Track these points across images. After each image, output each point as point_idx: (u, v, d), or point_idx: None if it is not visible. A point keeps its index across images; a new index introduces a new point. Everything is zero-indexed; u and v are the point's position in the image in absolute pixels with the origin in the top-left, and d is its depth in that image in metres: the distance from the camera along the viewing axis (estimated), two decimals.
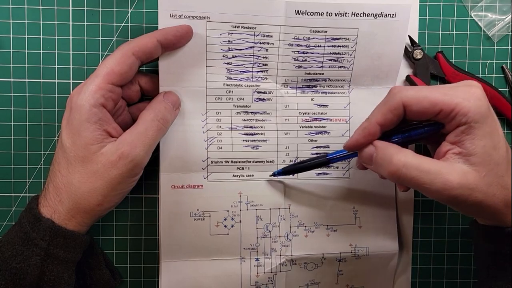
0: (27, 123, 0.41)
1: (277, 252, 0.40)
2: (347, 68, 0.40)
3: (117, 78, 0.35)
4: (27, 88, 0.41)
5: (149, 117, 0.36)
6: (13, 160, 0.41)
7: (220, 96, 0.39)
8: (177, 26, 0.37)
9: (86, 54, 0.41)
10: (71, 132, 0.34)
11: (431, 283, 0.44)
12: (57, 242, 0.34)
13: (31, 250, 0.34)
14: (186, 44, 0.37)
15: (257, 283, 0.40)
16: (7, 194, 0.41)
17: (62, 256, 0.34)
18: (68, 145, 0.34)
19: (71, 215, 0.35)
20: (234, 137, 0.40)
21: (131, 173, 0.35)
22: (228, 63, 0.39)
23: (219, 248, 0.40)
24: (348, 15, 0.38)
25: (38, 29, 0.41)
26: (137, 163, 0.35)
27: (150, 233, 0.42)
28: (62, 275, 0.35)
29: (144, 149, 0.35)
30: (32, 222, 0.34)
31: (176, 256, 0.40)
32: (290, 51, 0.39)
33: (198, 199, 0.39)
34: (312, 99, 0.40)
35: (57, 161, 0.35)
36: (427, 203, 0.43)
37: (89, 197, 0.34)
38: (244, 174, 0.40)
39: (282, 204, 0.40)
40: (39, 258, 0.34)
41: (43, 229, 0.34)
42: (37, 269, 0.34)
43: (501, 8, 0.42)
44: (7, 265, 0.34)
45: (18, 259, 0.34)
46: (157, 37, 0.36)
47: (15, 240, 0.34)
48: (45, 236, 0.34)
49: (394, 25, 0.38)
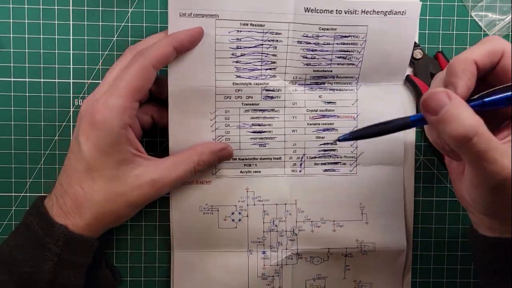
0: (27, 123, 0.41)
1: (283, 246, 0.41)
2: (355, 65, 0.40)
3: (139, 94, 0.35)
4: (27, 88, 0.41)
5: (190, 164, 0.37)
6: (13, 160, 0.41)
7: (229, 95, 0.39)
8: (190, 30, 0.36)
9: (86, 54, 0.41)
10: (98, 152, 0.34)
11: (431, 283, 0.44)
12: (70, 247, 0.34)
13: (43, 255, 0.34)
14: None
15: (263, 275, 0.41)
16: (7, 194, 0.41)
17: (73, 260, 0.35)
18: (94, 164, 0.34)
19: (89, 229, 0.35)
20: (242, 135, 0.40)
21: (152, 200, 0.36)
22: (236, 61, 0.39)
23: (227, 240, 0.41)
24: (358, 13, 0.38)
25: (38, 29, 0.40)
26: (161, 195, 0.36)
27: (150, 233, 0.42)
28: (73, 279, 0.35)
29: (172, 189, 0.38)
30: (45, 228, 0.34)
31: (187, 247, 0.40)
32: (298, 48, 0.39)
33: (207, 194, 0.40)
34: (320, 96, 0.41)
35: (77, 175, 0.35)
36: (427, 203, 0.43)
37: (110, 215, 0.35)
38: (251, 170, 0.40)
39: (288, 200, 0.41)
40: (52, 263, 0.34)
41: (56, 235, 0.34)
42: (49, 274, 0.34)
43: (502, 8, 0.42)
44: (18, 269, 0.34)
45: (30, 263, 0.34)
46: (173, 44, 0.35)
47: (25, 243, 0.34)
48: (58, 241, 0.34)
49: (404, 22, 0.39)
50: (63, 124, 0.41)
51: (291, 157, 0.41)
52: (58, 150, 0.41)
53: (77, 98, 0.41)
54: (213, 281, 0.41)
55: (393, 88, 0.41)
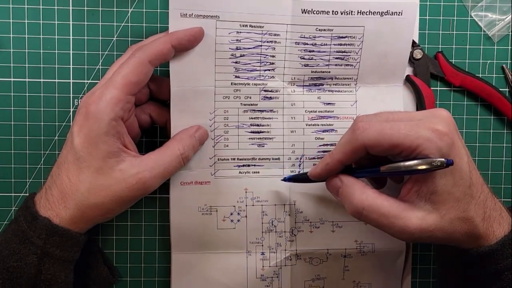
0: (27, 123, 0.41)
1: (282, 247, 0.41)
2: (353, 66, 0.40)
3: (134, 88, 0.35)
4: (27, 88, 0.41)
5: (176, 152, 0.36)
6: (13, 160, 0.41)
7: (228, 95, 0.39)
8: (190, 29, 0.37)
9: (86, 54, 0.41)
10: (87, 142, 0.34)
11: (431, 283, 0.44)
12: (53, 240, 0.34)
13: (27, 249, 0.34)
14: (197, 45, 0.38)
15: (262, 276, 0.41)
16: (7, 194, 0.41)
17: (58, 255, 0.34)
18: (83, 154, 0.34)
19: (73, 221, 0.35)
20: (241, 135, 0.40)
21: (140, 196, 0.36)
22: (236, 62, 0.39)
23: (226, 241, 0.40)
24: (354, 14, 0.38)
25: (38, 29, 0.40)
26: (150, 191, 0.36)
27: (150, 233, 0.42)
28: (59, 274, 0.35)
29: (160, 181, 0.36)
30: (29, 221, 0.34)
31: (185, 248, 0.40)
32: (296, 49, 0.39)
33: (206, 195, 0.40)
34: (318, 97, 0.41)
35: (66, 166, 0.35)
36: None
37: (95, 208, 0.35)
38: (250, 171, 0.40)
39: (287, 200, 0.41)
40: (36, 257, 0.34)
41: (39, 227, 0.34)
42: (33, 268, 0.34)
43: (501, 8, 0.42)
44: (4, 263, 0.34)
45: (15, 257, 0.34)
46: (171, 42, 0.36)
47: (12, 238, 0.34)
48: (41, 234, 0.34)
49: (401, 23, 0.39)
50: (63, 124, 0.41)
51: (290, 157, 0.40)
52: (58, 150, 0.41)
53: (77, 98, 0.41)
54: (211, 282, 0.41)
55: (392, 89, 0.41)
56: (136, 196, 0.35)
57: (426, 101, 0.41)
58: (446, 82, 0.42)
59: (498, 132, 0.43)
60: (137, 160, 0.35)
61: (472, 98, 0.43)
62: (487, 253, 0.33)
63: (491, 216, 0.33)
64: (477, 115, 0.43)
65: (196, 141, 0.38)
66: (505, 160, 0.43)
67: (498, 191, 0.43)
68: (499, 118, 0.43)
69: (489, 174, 0.43)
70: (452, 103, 0.43)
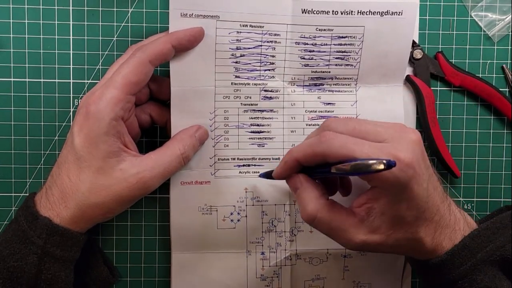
0: (27, 123, 0.41)
1: (282, 247, 0.41)
2: (353, 66, 0.40)
3: (134, 88, 0.35)
4: (27, 88, 0.41)
5: (176, 151, 0.36)
6: (13, 160, 0.41)
7: (228, 95, 0.39)
8: (190, 29, 0.37)
9: (86, 54, 0.41)
10: (87, 142, 0.34)
11: None
12: (53, 240, 0.34)
13: (28, 248, 0.34)
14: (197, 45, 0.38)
15: (262, 276, 0.41)
16: (7, 194, 0.41)
17: (58, 254, 0.34)
18: (83, 154, 0.34)
19: (74, 221, 0.35)
20: (241, 135, 0.40)
21: (141, 196, 0.36)
22: (236, 62, 0.39)
23: (226, 241, 0.41)
24: (354, 14, 0.38)
25: (38, 29, 0.40)
26: (150, 190, 0.36)
27: (150, 233, 0.42)
28: (59, 273, 0.35)
29: (161, 181, 0.36)
30: (30, 221, 0.34)
31: (185, 248, 0.40)
32: (297, 49, 0.39)
33: (206, 195, 0.40)
34: (318, 97, 0.41)
35: (66, 165, 0.35)
36: None
37: (96, 208, 0.35)
38: (250, 171, 0.40)
39: (287, 200, 0.41)
40: (36, 257, 0.34)
41: (40, 227, 0.34)
42: (34, 268, 0.34)
43: (501, 8, 0.42)
44: (4, 263, 0.34)
45: (15, 257, 0.34)
46: (172, 42, 0.36)
47: (12, 238, 0.34)
48: (41, 234, 0.34)
49: (401, 23, 0.39)
50: (63, 124, 0.41)
51: None
52: (58, 150, 0.41)
53: (77, 98, 0.41)
54: (211, 282, 0.41)
55: (392, 89, 0.41)
56: (136, 195, 0.35)
57: (426, 101, 0.41)
58: (446, 82, 0.42)
59: (498, 132, 0.43)
60: (137, 160, 0.35)
61: (472, 98, 0.43)
62: (438, 264, 0.34)
63: (442, 234, 0.33)
64: (477, 115, 0.43)
65: (196, 141, 0.38)
66: (505, 160, 0.43)
67: (498, 191, 0.43)
68: (499, 118, 0.43)
69: (489, 174, 0.43)
70: (452, 103, 0.43)
